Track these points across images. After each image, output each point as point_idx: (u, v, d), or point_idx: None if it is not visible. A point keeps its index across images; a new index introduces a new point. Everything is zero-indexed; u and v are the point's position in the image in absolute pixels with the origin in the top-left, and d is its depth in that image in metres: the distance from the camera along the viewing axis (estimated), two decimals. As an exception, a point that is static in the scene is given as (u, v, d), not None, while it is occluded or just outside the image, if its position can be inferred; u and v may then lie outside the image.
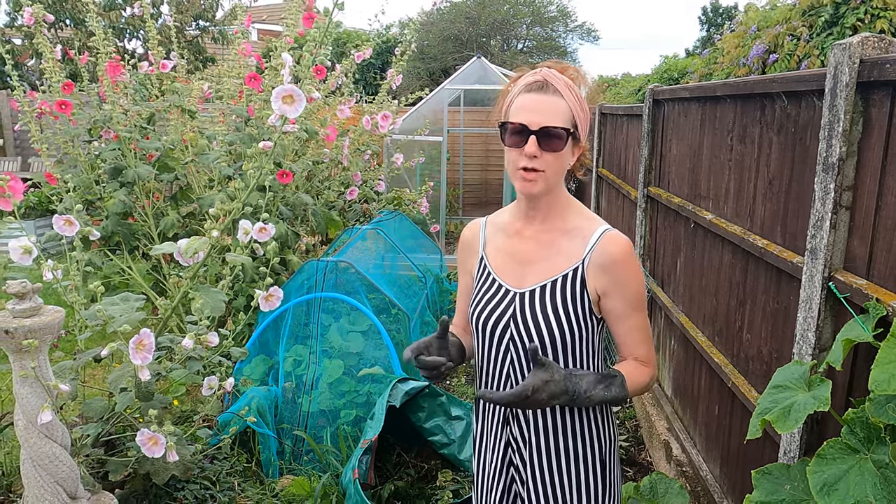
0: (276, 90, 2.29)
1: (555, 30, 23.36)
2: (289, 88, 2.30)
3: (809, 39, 5.20)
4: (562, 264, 1.45)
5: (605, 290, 1.43)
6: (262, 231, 2.44)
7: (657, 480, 2.24)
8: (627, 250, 1.43)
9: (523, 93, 1.39)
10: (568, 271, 1.44)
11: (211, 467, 2.92)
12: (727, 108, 2.61)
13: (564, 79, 1.40)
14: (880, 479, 1.14)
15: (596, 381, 1.38)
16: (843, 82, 1.59)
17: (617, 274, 1.42)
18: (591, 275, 1.43)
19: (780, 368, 1.52)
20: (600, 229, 1.45)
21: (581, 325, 1.44)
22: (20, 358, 1.98)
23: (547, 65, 1.43)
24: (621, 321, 1.46)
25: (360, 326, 3.60)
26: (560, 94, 1.38)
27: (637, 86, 10.36)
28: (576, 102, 1.39)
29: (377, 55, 16.77)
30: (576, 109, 1.39)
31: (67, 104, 3.80)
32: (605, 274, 1.42)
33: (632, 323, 1.47)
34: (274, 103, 2.30)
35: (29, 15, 3.70)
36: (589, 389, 1.37)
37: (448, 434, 3.14)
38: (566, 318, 1.43)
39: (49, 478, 2.06)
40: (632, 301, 1.45)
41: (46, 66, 3.88)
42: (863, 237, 1.60)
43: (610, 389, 1.39)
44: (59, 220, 2.35)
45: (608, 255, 1.42)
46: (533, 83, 1.39)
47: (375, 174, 5.82)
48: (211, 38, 12.73)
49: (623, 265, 1.42)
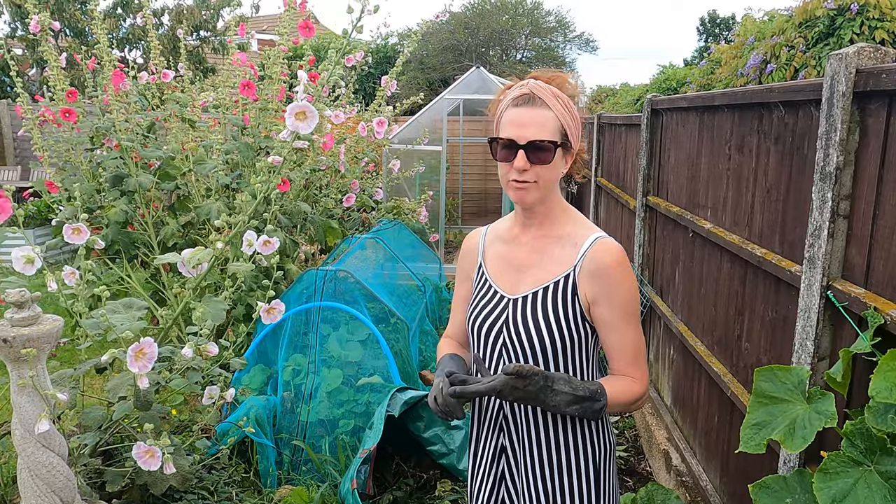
0: (291, 107, 2.30)
1: (553, 40, 23.49)
2: (303, 105, 2.30)
3: (806, 50, 5.22)
4: (555, 271, 1.45)
5: (594, 297, 1.42)
6: (266, 244, 2.44)
7: (654, 491, 2.23)
8: (619, 258, 1.42)
9: (511, 107, 1.40)
10: (560, 278, 1.44)
11: (209, 477, 2.91)
12: (725, 117, 2.62)
13: (551, 88, 1.40)
14: (890, 490, 1.13)
15: (571, 402, 1.36)
16: (839, 92, 1.60)
17: (606, 281, 1.41)
18: (583, 282, 1.42)
19: (762, 374, 1.45)
20: (593, 236, 1.45)
21: (573, 332, 1.43)
22: (18, 367, 1.97)
23: (534, 75, 1.44)
24: (610, 331, 1.44)
25: (359, 336, 3.60)
26: (547, 105, 1.38)
27: (636, 96, 10.39)
28: (564, 111, 1.40)
29: (376, 65, 16.83)
30: (564, 118, 1.39)
31: (72, 112, 3.81)
32: (595, 281, 1.41)
33: (621, 334, 1.44)
34: (287, 119, 2.30)
35: (35, 23, 3.72)
36: (560, 406, 1.36)
37: (447, 444, 3.13)
38: (557, 325, 1.43)
39: (46, 488, 2.05)
40: (621, 310, 1.42)
41: (51, 74, 3.89)
42: (860, 246, 1.60)
43: (583, 412, 1.38)
44: (68, 230, 2.35)
45: (598, 263, 1.41)
46: (519, 97, 1.40)
47: (374, 182, 5.82)
48: (211, 48, 12.78)
49: (613, 273, 1.41)
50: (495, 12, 21.78)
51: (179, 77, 4.59)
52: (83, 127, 3.96)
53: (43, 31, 3.73)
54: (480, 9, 22.05)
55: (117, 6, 11.69)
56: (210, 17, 12.57)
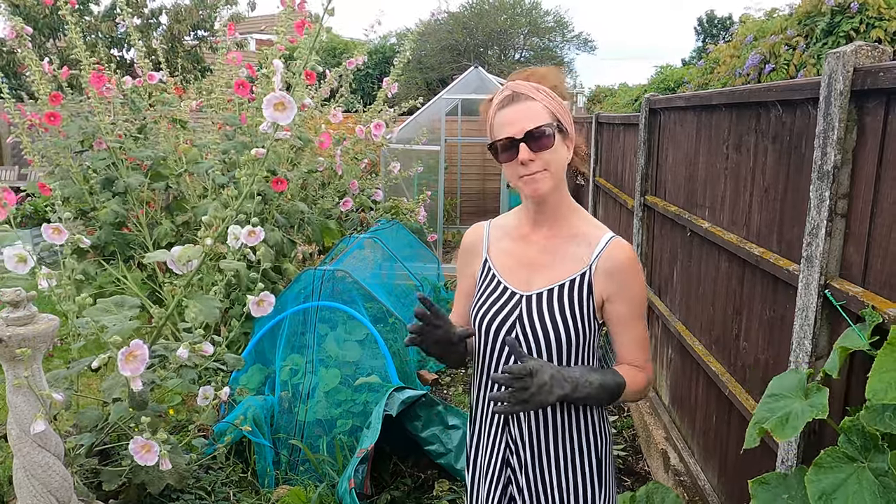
0: (268, 97, 2.29)
1: (552, 40, 23.51)
2: (280, 95, 2.31)
3: (805, 49, 5.22)
4: (569, 269, 1.48)
5: (610, 295, 1.46)
6: (251, 234, 2.43)
7: (653, 490, 2.23)
8: (633, 256, 1.48)
9: (498, 110, 1.44)
10: (576, 276, 1.46)
11: (206, 477, 2.90)
12: (723, 116, 2.62)
13: (530, 84, 1.44)
14: (879, 487, 1.14)
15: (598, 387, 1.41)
16: (837, 91, 1.60)
17: (623, 279, 1.45)
18: (599, 280, 1.45)
19: (775, 377, 1.51)
20: (607, 236, 1.48)
21: (584, 328, 1.46)
22: (14, 366, 1.97)
23: (512, 78, 1.48)
24: (624, 326, 1.49)
25: (356, 335, 3.59)
26: (531, 97, 1.41)
27: (634, 95, 10.38)
28: (549, 100, 1.42)
29: (375, 65, 16.82)
30: (552, 106, 1.42)
31: (56, 115, 3.79)
32: (611, 279, 1.45)
33: (633, 329, 1.49)
34: (265, 110, 2.30)
35: (10, 29, 3.70)
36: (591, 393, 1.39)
37: (445, 443, 3.12)
38: (573, 321, 1.45)
39: (42, 488, 2.05)
40: (636, 307, 1.48)
41: (34, 79, 3.87)
42: (858, 244, 1.60)
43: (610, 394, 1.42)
44: (47, 229, 2.34)
45: (615, 261, 1.45)
46: (504, 99, 1.43)
47: (372, 183, 5.82)
48: (209, 47, 12.77)
49: (629, 271, 1.46)
50: (493, 12, 21.78)
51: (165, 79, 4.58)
52: (71, 129, 3.94)
53: (19, 36, 3.71)
54: (479, 8, 22.06)
55: (115, 6, 11.67)
56: (208, 17, 12.56)
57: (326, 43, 12.28)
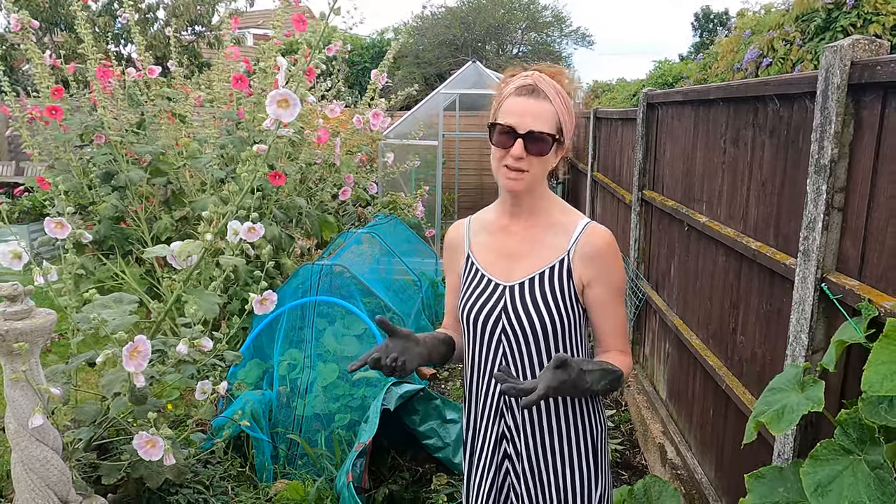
0: (272, 94, 2.29)
1: (550, 35, 23.43)
2: (284, 93, 2.30)
3: (802, 44, 5.22)
4: (548, 257, 1.49)
5: (589, 279, 1.48)
6: (251, 231, 2.43)
7: (651, 483, 2.24)
8: (610, 241, 1.49)
9: (513, 95, 1.43)
10: (555, 262, 1.48)
11: (204, 471, 2.91)
12: (720, 111, 2.62)
13: (554, 84, 1.43)
14: (874, 479, 1.14)
15: (601, 377, 1.41)
16: (834, 84, 1.60)
17: (600, 263, 1.47)
18: (577, 265, 1.47)
19: (778, 375, 1.52)
20: (583, 222, 1.50)
21: (568, 313, 1.48)
22: (11, 361, 1.97)
23: (538, 68, 1.47)
24: (604, 310, 1.50)
25: (355, 330, 3.59)
26: (549, 99, 1.41)
27: (632, 91, 10.36)
28: (563, 108, 1.43)
29: (372, 59, 16.78)
30: (563, 115, 1.43)
31: (58, 109, 3.79)
32: (590, 263, 1.47)
33: (613, 312, 1.51)
34: (269, 107, 2.29)
35: (15, 21, 3.70)
36: (594, 384, 1.39)
37: (442, 437, 3.13)
38: (556, 307, 1.47)
39: (40, 482, 2.05)
40: (614, 290, 1.50)
41: (36, 72, 3.87)
42: (855, 238, 1.60)
43: (610, 385, 1.44)
44: (49, 223, 2.34)
45: (593, 246, 1.47)
46: (523, 87, 1.42)
47: (368, 177, 5.81)
48: (206, 42, 12.73)
49: (607, 255, 1.48)
50: (491, 7, 21.70)
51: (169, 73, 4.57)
52: (71, 124, 3.94)
53: (24, 29, 3.71)
54: (476, 3, 21.98)
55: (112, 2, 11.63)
56: (205, 12, 12.52)
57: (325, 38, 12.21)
